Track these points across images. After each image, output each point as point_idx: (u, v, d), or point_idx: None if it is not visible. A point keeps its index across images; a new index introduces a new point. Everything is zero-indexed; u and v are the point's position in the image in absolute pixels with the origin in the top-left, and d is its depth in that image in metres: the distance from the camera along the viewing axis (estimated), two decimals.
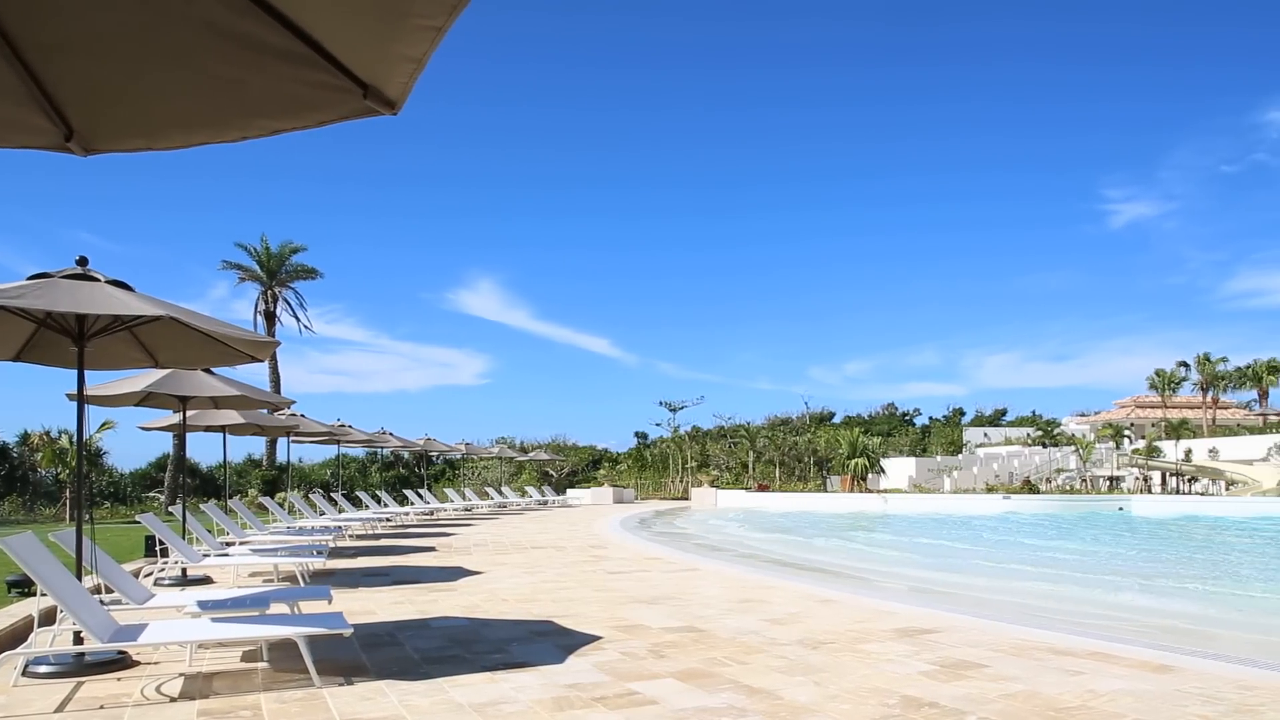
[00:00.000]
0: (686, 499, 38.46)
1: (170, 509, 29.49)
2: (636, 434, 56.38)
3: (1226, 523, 25.60)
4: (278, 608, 7.23)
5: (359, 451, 41.96)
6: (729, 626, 7.66)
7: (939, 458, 45.98)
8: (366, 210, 74.46)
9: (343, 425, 21.84)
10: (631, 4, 69.40)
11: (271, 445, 39.92)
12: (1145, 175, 72.70)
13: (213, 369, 10.41)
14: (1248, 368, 58.54)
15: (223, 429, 14.83)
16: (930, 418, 67.12)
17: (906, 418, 67.27)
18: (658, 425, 49.38)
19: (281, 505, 20.90)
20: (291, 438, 20.36)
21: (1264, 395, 62.00)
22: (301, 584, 10.21)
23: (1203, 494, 35.82)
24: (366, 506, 23.09)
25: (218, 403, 11.69)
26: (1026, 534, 22.61)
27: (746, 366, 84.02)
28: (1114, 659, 6.22)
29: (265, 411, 15.62)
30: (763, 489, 37.23)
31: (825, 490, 38.26)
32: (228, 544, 12.07)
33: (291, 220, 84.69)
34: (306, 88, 3.11)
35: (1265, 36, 64.54)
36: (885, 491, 35.96)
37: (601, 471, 45.99)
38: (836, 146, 73.29)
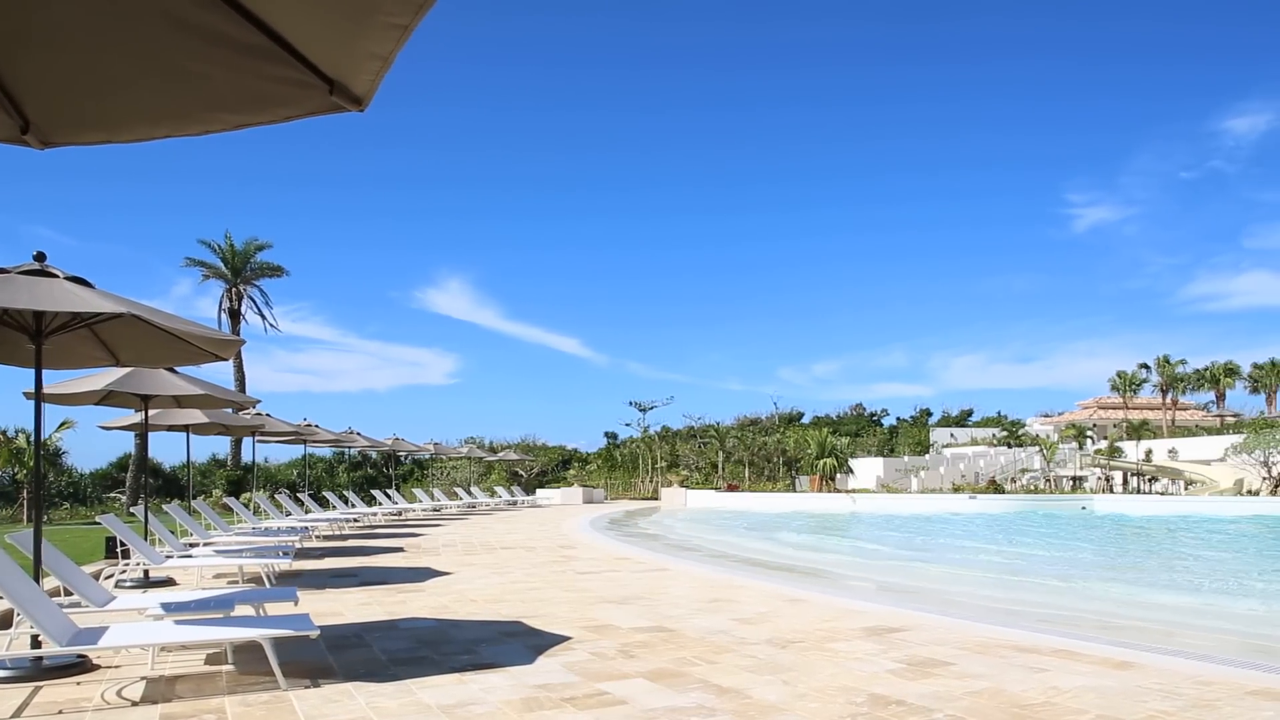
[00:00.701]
0: (656, 499, 38.49)
1: (132, 510, 29.00)
2: (606, 434, 56.26)
3: (1185, 521, 26.09)
4: (243, 609, 7.13)
5: (326, 451, 41.53)
6: (698, 626, 7.68)
7: (906, 458, 46.36)
8: (334, 208, 73.60)
9: (309, 425, 21.64)
10: (596, 5, 69.22)
11: (236, 445, 39.38)
12: (1107, 180, 73.90)
13: (176, 367, 10.24)
14: (1206, 370, 59.72)
15: (186, 428, 14.60)
16: (898, 418, 67.70)
17: (874, 418, 67.79)
18: (628, 425, 49.43)
19: (247, 506, 20.65)
20: (257, 437, 20.11)
21: (1221, 397, 63.32)
22: (267, 585, 10.09)
23: (1163, 494, 36.45)
24: (333, 507, 22.88)
25: (181, 402, 11.51)
26: (992, 533, 22.89)
27: (716, 367, 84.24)
28: (1077, 656, 6.31)
29: (230, 411, 15.39)
30: (732, 489, 37.36)
31: (794, 490, 38.46)
32: (191, 545, 11.90)
33: (257, 217, 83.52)
34: (271, 83, 3.07)
35: (1221, 46, 65.90)
36: (853, 491, 36.23)
37: (571, 472, 45.89)
38: (805, 148, 73.60)
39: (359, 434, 26.16)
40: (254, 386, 41.98)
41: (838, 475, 36.98)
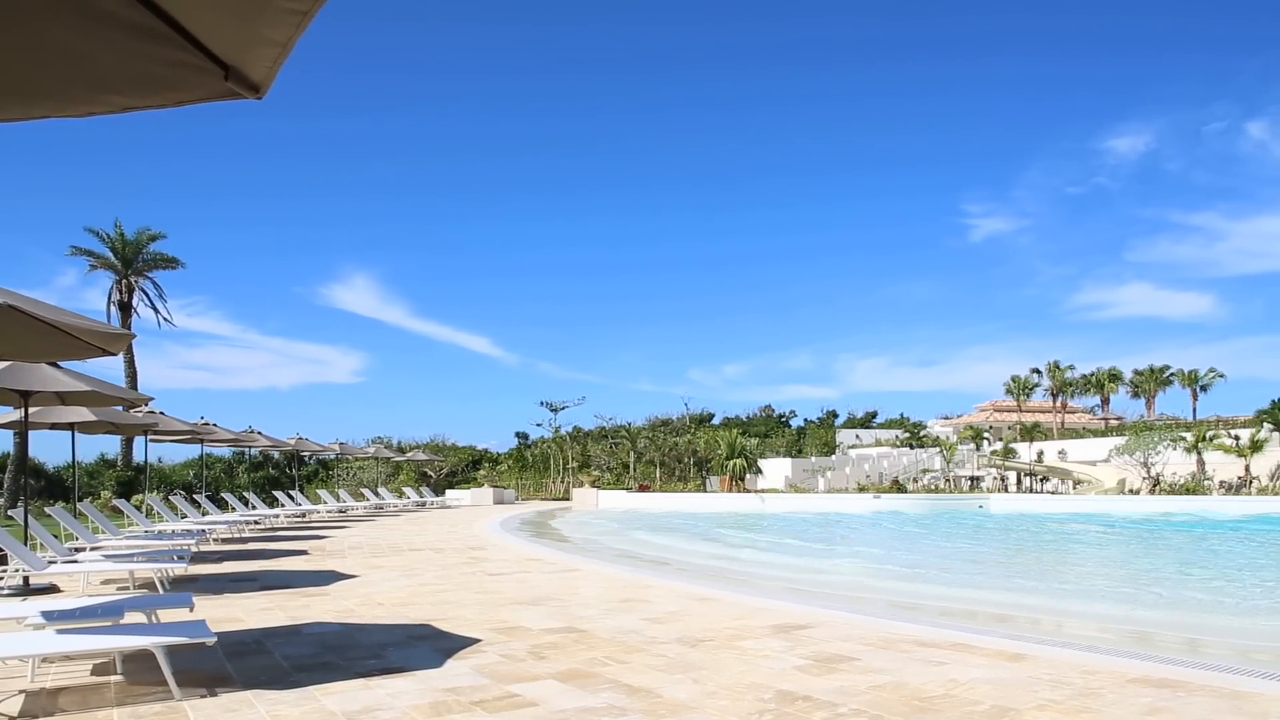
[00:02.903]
0: (568, 499, 38.38)
1: (10, 513, 27.36)
2: (517, 434, 55.86)
3: (1073, 519, 27.43)
4: (133, 617, 6.79)
5: (225, 451, 40.04)
6: (609, 626, 7.68)
7: (814, 458, 47.36)
8: (234, 199, 71.02)
9: (206, 423, 20.90)
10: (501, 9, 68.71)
11: (128, 444, 37.58)
12: (1001, 193, 77.37)
13: (59, 362, 9.71)
14: (1092, 375, 63.05)
15: (71, 426, 13.90)
16: (805, 419, 69.19)
17: (783, 419, 69.10)
18: (539, 425, 49.13)
19: (139, 508, 19.76)
20: (150, 436, 19.32)
21: (1105, 401, 66.96)
22: (160, 591, 9.66)
23: (1053, 493, 38.21)
24: (233, 509, 22.14)
25: (65, 399, 10.94)
26: (895, 532, 23.61)
27: (627, 367, 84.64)
28: (974, 649, 6.56)
29: (120, 408, 14.69)
30: (644, 489, 37.53)
31: (705, 490, 38.87)
32: (77, 550, 11.29)
33: (149, 207, 79.99)
34: (161, 65, 2.93)
35: (1104, 71, 69.59)
36: (763, 491, 36.84)
37: (482, 472, 45.30)
38: (715, 150, 74.71)
39: (260, 433, 25.36)
40: (146, 383, 40.15)
41: (747, 475, 37.53)
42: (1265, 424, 36.14)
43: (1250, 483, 34.29)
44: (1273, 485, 34.23)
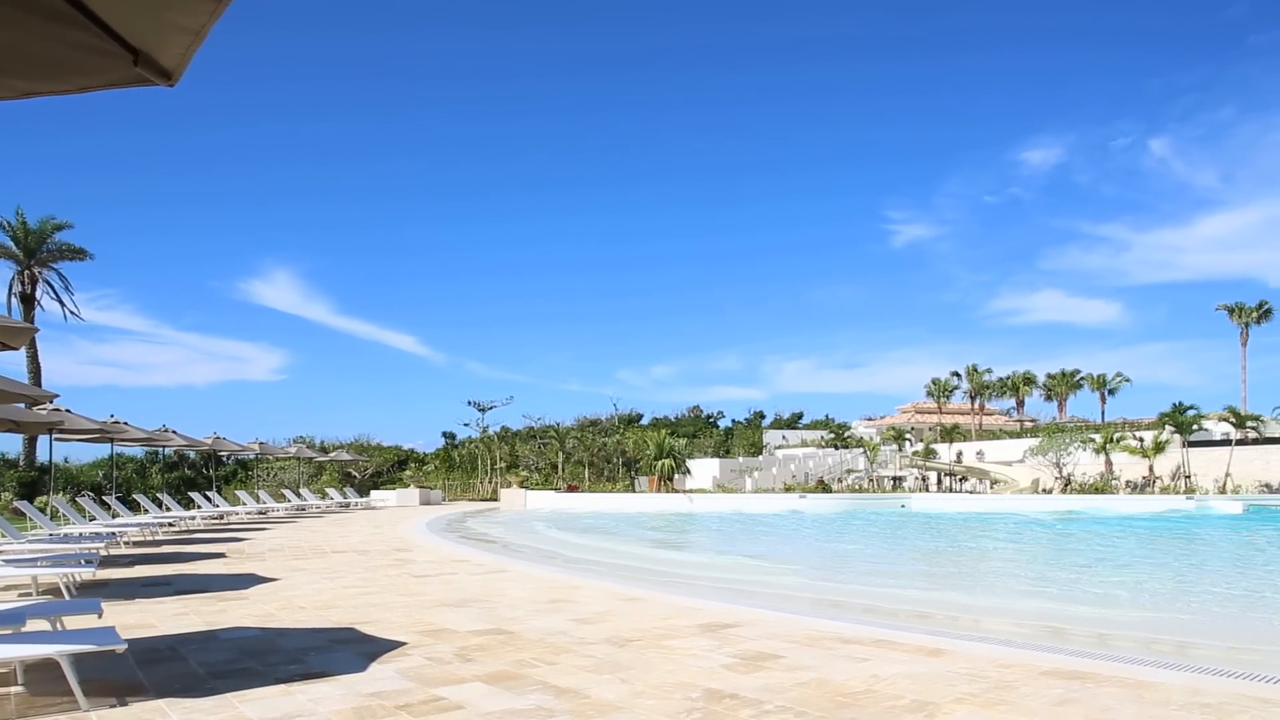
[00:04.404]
0: (495, 500, 38.05)
1: None
2: (444, 434, 55.15)
3: (990, 518, 28.33)
4: (36, 624, 6.49)
5: (137, 451, 38.54)
6: (537, 627, 7.64)
7: (741, 459, 47.91)
8: (146, 190, 68.40)
9: (117, 422, 20.11)
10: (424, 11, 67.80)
11: (31, 444, 35.84)
12: (922, 200, 79.33)
13: None
14: (1007, 378, 65.20)
15: None
16: (733, 420, 69.95)
17: (710, 420, 69.73)
18: (466, 425, 48.65)
19: (43, 510, 18.89)
20: (55, 435, 18.45)
21: (1020, 403, 69.29)
22: (66, 597, 9.25)
23: (971, 492, 39.42)
24: (145, 511, 21.36)
25: None
26: (820, 530, 24.03)
27: (556, 368, 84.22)
28: (895, 645, 6.72)
29: (22, 405, 14.02)
30: (572, 489, 37.44)
31: (633, 490, 38.96)
32: None
33: (55, 196, 76.26)
34: (67, 48, 2.82)
35: (1019, 84, 71.95)
36: (691, 491, 37.09)
37: (408, 472, 44.58)
38: (644, 151, 74.88)
39: (175, 432, 24.50)
40: (52, 380, 38.39)
41: (675, 475, 37.76)
42: (1167, 426, 37.86)
43: (1154, 482, 35.94)
44: (1174, 484, 35.92)
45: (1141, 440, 36.94)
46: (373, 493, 37.60)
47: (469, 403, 46.83)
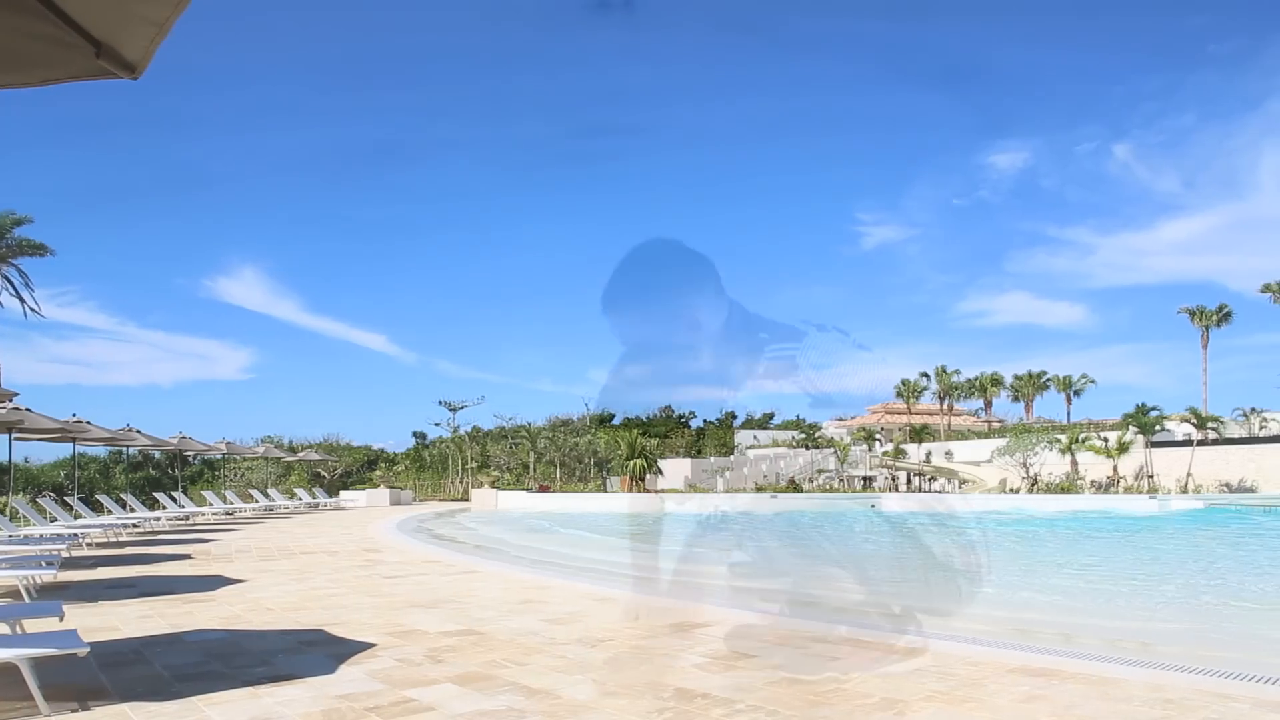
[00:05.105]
0: (467, 500, 37.86)
1: None
2: (415, 434, 54.72)
3: (958, 517, 28.62)
4: None
5: (100, 451, 37.96)
6: (508, 628, 7.62)
7: (713, 459, 48.03)
8: (109, 186, 67.07)
9: (79, 421, 19.81)
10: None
11: None
12: (891, 202, 79.95)
13: None
14: (976, 379, 65.92)
15: None
16: (705, 420, 70.10)
17: (682, 420, 69.82)
18: (437, 425, 48.36)
19: (2, 511, 18.52)
20: (14, 434, 18.13)
21: (988, 404, 70.09)
22: (26, 600, 9.07)
23: (940, 492, 39.85)
24: (109, 511, 21.04)
25: None
26: (791, 530, 24.14)
27: (528, 367, 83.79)
28: (867, 645, 6.77)
29: None
30: (544, 490, 37.35)
31: (606, 490, 38.96)
32: None
33: (13, 189, 74.71)
34: (27, 40, 2.77)
35: (986, 88, 72.81)
36: (663, 491, 37.17)
37: (378, 472, 44.24)
38: (615, 150, 74.79)
39: (139, 432, 24.16)
40: (11, 378, 37.63)
41: (648, 476, 37.79)
42: (1131, 427, 38.46)
43: (1118, 481, 36.52)
44: (1137, 484, 36.53)
45: (1106, 441, 37.52)
46: (342, 493, 37.27)
47: (440, 402, 46.60)
